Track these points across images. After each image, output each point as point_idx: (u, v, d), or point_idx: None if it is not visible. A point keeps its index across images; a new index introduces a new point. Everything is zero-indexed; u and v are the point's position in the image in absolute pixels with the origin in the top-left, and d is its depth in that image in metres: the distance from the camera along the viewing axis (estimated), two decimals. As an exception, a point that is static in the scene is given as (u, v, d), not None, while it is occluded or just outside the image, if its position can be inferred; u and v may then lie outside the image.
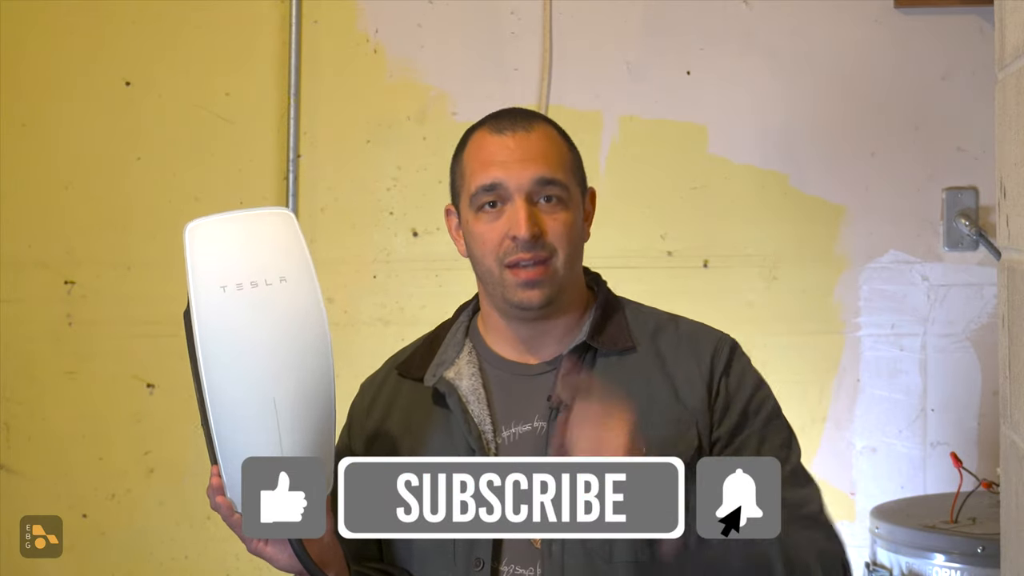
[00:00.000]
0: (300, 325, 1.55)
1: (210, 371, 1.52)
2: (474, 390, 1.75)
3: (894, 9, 2.96)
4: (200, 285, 1.52)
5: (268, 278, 1.54)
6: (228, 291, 1.52)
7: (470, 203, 1.74)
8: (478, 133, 1.77)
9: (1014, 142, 1.57)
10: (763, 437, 1.75)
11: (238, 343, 1.52)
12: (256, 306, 1.53)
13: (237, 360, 1.52)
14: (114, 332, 3.06)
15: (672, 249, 3.01)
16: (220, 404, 1.53)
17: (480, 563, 1.68)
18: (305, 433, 1.55)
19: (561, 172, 1.73)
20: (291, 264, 1.56)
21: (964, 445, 2.91)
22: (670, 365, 1.76)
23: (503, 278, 1.71)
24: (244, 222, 1.58)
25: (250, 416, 1.53)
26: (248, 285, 1.53)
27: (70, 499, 3.06)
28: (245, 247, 1.55)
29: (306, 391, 1.55)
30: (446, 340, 1.82)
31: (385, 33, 3.04)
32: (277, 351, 1.54)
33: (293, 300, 1.55)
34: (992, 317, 2.95)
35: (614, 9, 3.01)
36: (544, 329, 1.76)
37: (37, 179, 3.08)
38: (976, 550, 2.33)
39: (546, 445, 1.70)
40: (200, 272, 1.53)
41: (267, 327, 1.53)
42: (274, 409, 1.53)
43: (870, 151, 2.98)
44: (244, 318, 1.52)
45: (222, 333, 1.52)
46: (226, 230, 1.56)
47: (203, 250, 1.54)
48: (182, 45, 3.06)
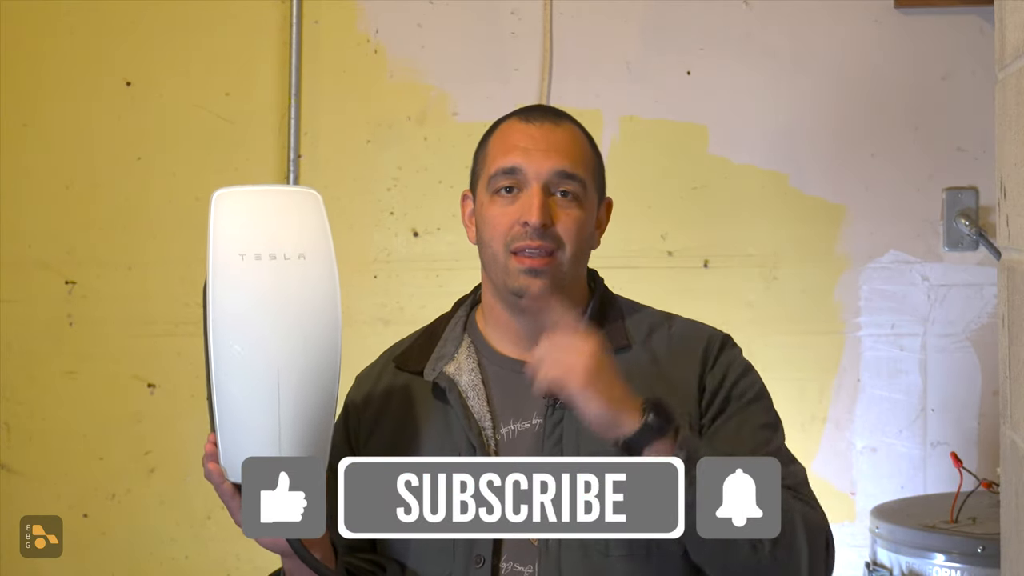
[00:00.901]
0: (313, 302, 1.57)
1: (218, 334, 1.54)
2: (474, 386, 1.75)
3: (894, 9, 2.96)
4: (220, 250, 1.55)
5: (287, 252, 1.56)
6: (247, 259, 1.54)
7: (488, 185, 1.74)
8: (507, 121, 1.79)
9: (1014, 142, 1.57)
10: (744, 418, 1.74)
11: (250, 311, 1.54)
12: (272, 278, 1.55)
13: (247, 327, 1.54)
14: (115, 332, 3.06)
15: (672, 249, 3.01)
16: (224, 369, 1.54)
17: (480, 560, 1.68)
18: (305, 409, 1.56)
19: (581, 169, 1.74)
20: (312, 243, 1.58)
21: (964, 445, 2.91)
22: (664, 365, 1.76)
23: (507, 264, 1.71)
24: (271, 196, 1.61)
25: (252, 386, 1.54)
26: (267, 256, 1.55)
27: (70, 499, 3.06)
28: (268, 219, 1.57)
29: (311, 369, 1.56)
30: (445, 334, 1.82)
31: (386, 33, 3.04)
32: (287, 324, 1.55)
33: (309, 277, 1.57)
34: (992, 317, 2.95)
35: (614, 9, 3.01)
36: (543, 325, 1.75)
37: (38, 179, 3.08)
38: (976, 550, 2.33)
39: (543, 443, 1.71)
40: (221, 237, 1.55)
41: (280, 300, 1.55)
42: (277, 381, 1.55)
43: (870, 151, 2.99)
44: (259, 287, 1.54)
45: (235, 300, 1.54)
46: (252, 201, 1.59)
47: (227, 217, 1.56)
48: (183, 45, 3.06)
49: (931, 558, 2.37)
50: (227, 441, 1.57)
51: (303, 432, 1.56)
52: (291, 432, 1.55)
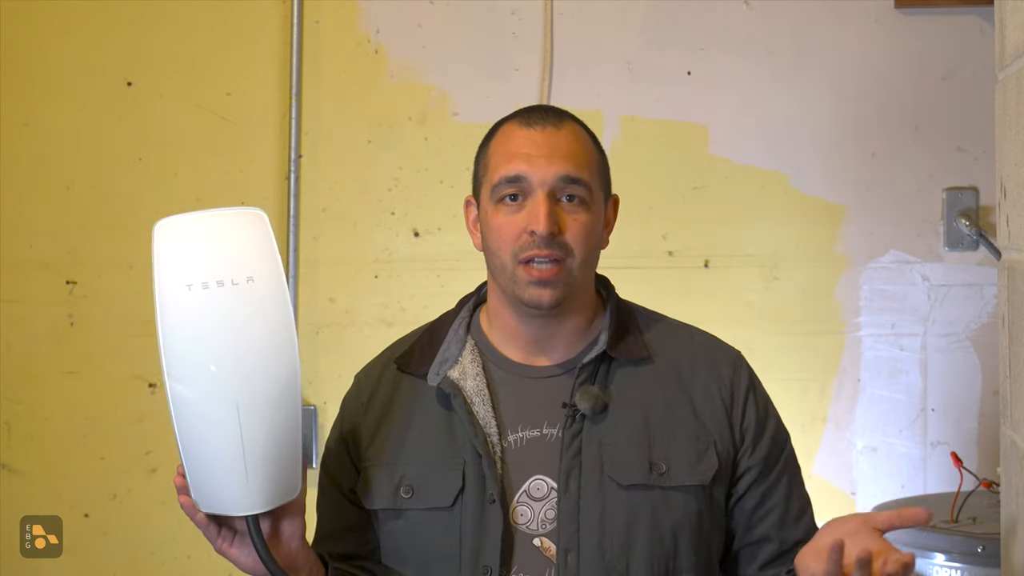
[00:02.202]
0: (266, 327, 1.52)
1: (172, 371, 1.50)
2: (479, 391, 1.72)
3: (894, 9, 2.96)
4: (165, 283, 1.50)
5: (235, 278, 1.50)
6: (194, 289, 1.49)
7: (491, 194, 1.71)
8: (507, 125, 1.75)
9: (1014, 142, 1.58)
10: (792, 476, 1.76)
11: (202, 343, 1.50)
12: (222, 306, 1.50)
13: (200, 361, 1.50)
14: (115, 332, 3.06)
15: (673, 249, 3.01)
16: (182, 404, 1.51)
17: (487, 571, 1.65)
18: (269, 435, 1.53)
19: (586, 173, 1.71)
20: (260, 264, 1.52)
21: (964, 445, 2.91)
22: (686, 379, 1.75)
23: (516, 274, 1.68)
24: (213, 220, 1.54)
25: (212, 417, 1.51)
26: (214, 284, 1.50)
27: (72, 499, 3.06)
28: (213, 245, 1.52)
29: (270, 395, 1.52)
30: (448, 336, 1.78)
31: (386, 33, 3.04)
32: (241, 353, 1.51)
33: (260, 301, 1.52)
34: (992, 317, 2.95)
35: (615, 9, 3.01)
36: (552, 331, 1.74)
37: (39, 179, 3.08)
38: (976, 549, 2.33)
39: (560, 454, 1.69)
40: (165, 269, 1.50)
41: (232, 328, 1.50)
42: (236, 411, 1.51)
43: (870, 151, 2.99)
44: (209, 318, 1.49)
45: (185, 332, 1.49)
46: (194, 228, 1.53)
47: (169, 247, 1.51)
48: (184, 45, 3.06)
49: (931, 558, 2.37)
50: (194, 474, 1.54)
51: (269, 458, 1.53)
52: (256, 460, 1.53)
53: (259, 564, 1.58)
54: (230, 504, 1.55)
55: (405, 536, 1.71)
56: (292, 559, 1.62)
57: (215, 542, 1.60)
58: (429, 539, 1.69)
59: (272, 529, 1.61)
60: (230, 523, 1.59)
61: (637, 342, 1.75)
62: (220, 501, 1.56)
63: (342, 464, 1.77)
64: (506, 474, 1.68)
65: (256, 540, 1.56)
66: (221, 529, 1.60)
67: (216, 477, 1.53)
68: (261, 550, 1.56)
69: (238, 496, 1.54)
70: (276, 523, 1.61)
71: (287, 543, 1.62)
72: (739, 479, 1.73)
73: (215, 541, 1.60)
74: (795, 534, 1.73)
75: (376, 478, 1.73)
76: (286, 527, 1.62)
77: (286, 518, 1.61)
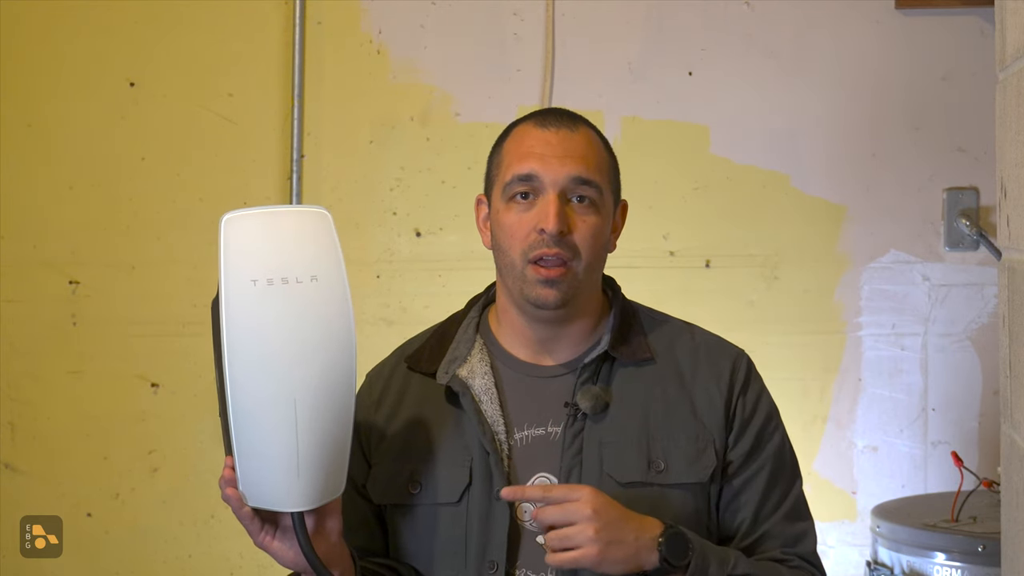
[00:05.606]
0: (327, 326, 1.55)
1: (233, 364, 1.51)
2: (487, 389, 1.75)
3: (895, 10, 2.97)
4: (231, 277, 1.51)
5: (299, 276, 1.53)
6: (259, 285, 1.51)
7: (503, 192, 1.73)
8: (522, 125, 1.77)
9: (1014, 143, 1.58)
10: (774, 472, 1.76)
11: (264, 339, 1.52)
12: (285, 303, 1.52)
13: (261, 355, 1.52)
14: (118, 332, 3.07)
15: (674, 249, 3.02)
16: (240, 398, 1.52)
17: (494, 566, 1.68)
18: (322, 434, 1.55)
19: (598, 175, 1.73)
20: (324, 264, 1.55)
21: (965, 444, 2.92)
22: (688, 380, 1.77)
23: (524, 273, 1.71)
24: (280, 217, 1.57)
25: (269, 412, 1.53)
26: (279, 281, 1.52)
27: (74, 498, 3.07)
28: (279, 243, 1.54)
29: (327, 392, 1.55)
30: (457, 335, 1.81)
31: (388, 34, 3.05)
32: (302, 350, 1.53)
33: (323, 300, 1.54)
34: (992, 317, 2.95)
35: (616, 10, 3.02)
36: (559, 331, 1.76)
37: (41, 179, 3.09)
38: (977, 549, 2.33)
39: (561, 452, 1.71)
40: (232, 265, 1.52)
41: (294, 325, 1.53)
42: (293, 408, 1.53)
43: (871, 151, 2.99)
44: (272, 314, 1.52)
45: (249, 327, 1.51)
46: (262, 224, 1.55)
47: (237, 243, 1.53)
48: (186, 46, 3.07)
49: (932, 557, 2.38)
50: (245, 467, 1.55)
51: (321, 456, 1.55)
52: (309, 457, 1.54)
53: (300, 559, 1.59)
54: (280, 499, 1.56)
55: (412, 531, 1.74)
56: (331, 552, 1.64)
57: (257, 536, 1.60)
58: (436, 534, 1.72)
59: (316, 525, 1.62)
60: (274, 518, 1.60)
61: (640, 343, 1.77)
62: (270, 496, 1.57)
63: (354, 459, 1.78)
64: (512, 471, 1.71)
65: (301, 536, 1.57)
66: (264, 524, 1.60)
67: (268, 472, 1.54)
68: (306, 546, 1.58)
69: (288, 492, 1.55)
70: (320, 519, 1.62)
71: (327, 538, 1.63)
72: (724, 471, 1.75)
73: (257, 535, 1.60)
74: (767, 527, 1.74)
75: (385, 473, 1.76)
76: (328, 523, 1.63)
77: (329, 514, 1.63)
